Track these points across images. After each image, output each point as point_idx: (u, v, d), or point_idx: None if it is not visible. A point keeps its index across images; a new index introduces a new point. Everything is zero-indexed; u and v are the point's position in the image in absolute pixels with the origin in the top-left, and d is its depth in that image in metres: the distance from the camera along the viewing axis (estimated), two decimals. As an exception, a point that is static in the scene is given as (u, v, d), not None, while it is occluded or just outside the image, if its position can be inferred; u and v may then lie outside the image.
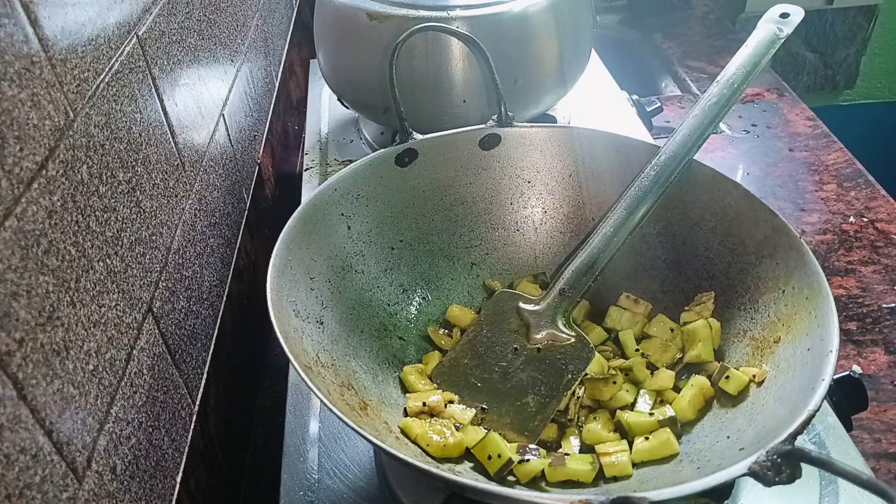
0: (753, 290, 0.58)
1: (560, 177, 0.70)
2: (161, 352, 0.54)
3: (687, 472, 0.50)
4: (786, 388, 0.48)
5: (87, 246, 0.43)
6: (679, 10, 1.69)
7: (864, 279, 0.93)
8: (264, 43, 1.04)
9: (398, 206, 0.67)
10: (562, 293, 0.63)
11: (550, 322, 0.62)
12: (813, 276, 0.52)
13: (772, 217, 0.57)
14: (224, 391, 0.68)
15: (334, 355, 0.55)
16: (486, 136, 0.69)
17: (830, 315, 0.48)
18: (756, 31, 0.64)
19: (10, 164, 0.36)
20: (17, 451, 0.34)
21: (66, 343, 0.39)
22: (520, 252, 0.71)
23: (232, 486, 0.68)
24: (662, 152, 0.62)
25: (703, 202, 0.63)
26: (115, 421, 0.45)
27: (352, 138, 0.99)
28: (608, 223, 0.63)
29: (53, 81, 0.41)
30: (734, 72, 0.62)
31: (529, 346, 0.61)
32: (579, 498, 0.38)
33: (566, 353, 0.60)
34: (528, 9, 0.79)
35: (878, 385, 0.80)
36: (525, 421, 0.57)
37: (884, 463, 0.72)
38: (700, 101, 0.63)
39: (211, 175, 0.71)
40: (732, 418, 0.51)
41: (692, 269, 0.63)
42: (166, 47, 0.61)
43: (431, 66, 0.79)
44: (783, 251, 0.55)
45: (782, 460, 0.38)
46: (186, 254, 0.62)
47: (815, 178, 1.11)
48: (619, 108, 1.01)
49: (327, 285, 0.59)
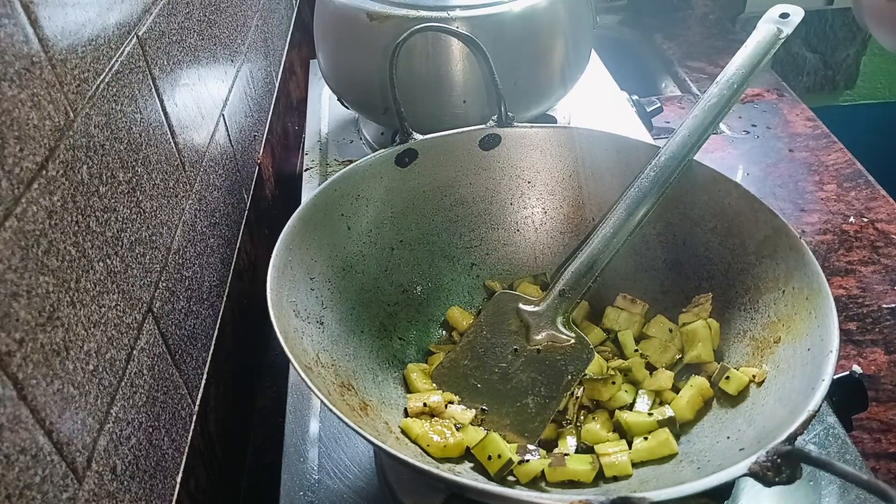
0: (753, 291, 0.58)
1: (560, 177, 0.70)
2: (161, 352, 0.54)
3: (687, 473, 0.50)
4: (786, 388, 0.48)
5: (87, 246, 0.43)
6: (679, 10, 1.69)
7: (864, 279, 0.93)
8: (264, 43, 1.04)
9: (398, 206, 0.67)
10: (562, 294, 0.63)
11: (550, 323, 0.62)
12: (813, 277, 0.52)
13: (772, 217, 0.57)
14: (224, 391, 0.68)
15: (334, 355, 0.55)
16: (486, 136, 0.69)
17: (830, 315, 0.48)
18: (756, 31, 0.64)
19: (11, 164, 0.36)
20: (17, 452, 0.34)
21: (66, 343, 0.39)
22: (520, 252, 0.71)
23: (232, 486, 0.68)
24: (662, 153, 0.62)
25: (703, 202, 0.63)
26: (115, 421, 0.45)
27: (352, 138, 0.99)
28: (608, 224, 0.63)
29: (53, 81, 0.41)
30: (734, 72, 0.62)
31: (529, 347, 0.61)
32: (579, 498, 0.38)
33: (566, 355, 0.60)
34: (528, 9, 0.79)
35: (878, 385, 0.80)
36: (525, 422, 0.57)
37: (884, 463, 0.72)
38: (700, 102, 0.63)
39: (211, 175, 0.71)
40: (732, 419, 0.51)
41: (692, 269, 0.63)
42: (166, 47, 0.61)
43: (431, 66, 0.79)
44: (783, 251, 0.55)
45: (782, 461, 0.38)
46: (186, 254, 0.62)
47: (815, 178, 1.11)
48: (619, 109, 1.01)
49: (327, 285, 0.59)
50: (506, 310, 0.64)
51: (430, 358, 0.64)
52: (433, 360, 0.63)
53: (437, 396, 0.58)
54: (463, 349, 0.62)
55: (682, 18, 1.65)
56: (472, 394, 0.59)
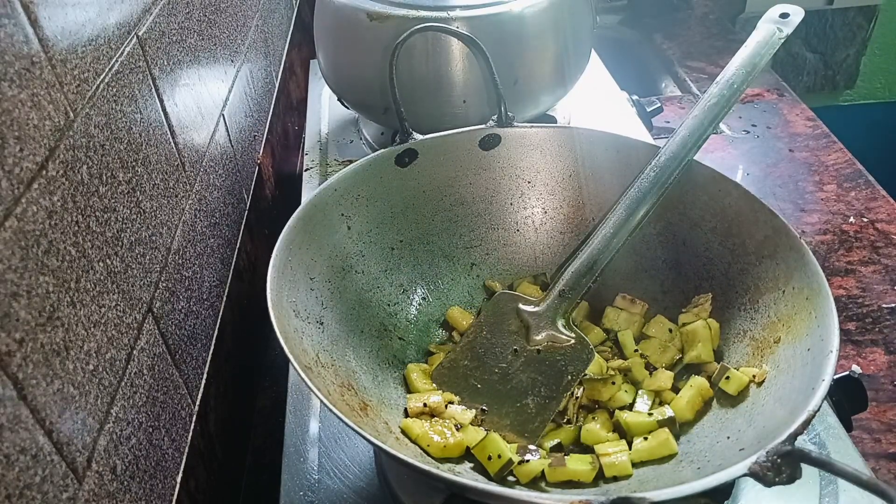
0: (753, 291, 0.58)
1: (560, 177, 0.70)
2: (161, 352, 0.54)
3: (687, 473, 0.50)
4: (786, 388, 0.48)
5: (87, 246, 0.43)
6: (679, 10, 1.69)
7: (864, 279, 0.93)
8: (264, 43, 1.04)
9: (398, 206, 0.67)
10: (561, 294, 0.63)
11: (550, 323, 0.62)
12: (813, 277, 0.52)
13: (772, 217, 0.57)
14: (224, 391, 0.68)
15: (334, 355, 0.55)
16: (486, 136, 0.69)
17: (830, 315, 0.48)
18: (756, 31, 0.64)
19: (11, 164, 0.36)
20: (18, 452, 0.34)
21: (67, 343, 0.39)
22: (520, 252, 0.71)
23: (232, 486, 0.68)
24: (662, 153, 0.62)
25: (703, 202, 0.63)
26: (116, 421, 0.45)
27: (352, 138, 0.99)
28: (608, 224, 0.63)
29: (53, 82, 0.41)
30: (734, 72, 0.62)
31: (529, 347, 0.61)
32: (579, 498, 0.38)
33: (566, 355, 0.60)
34: (528, 9, 0.79)
35: (878, 385, 0.80)
36: (525, 422, 0.57)
37: (884, 463, 0.72)
38: (700, 102, 0.63)
39: (211, 175, 0.71)
40: (732, 419, 0.51)
41: (692, 269, 0.63)
42: (166, 47, 0.61)
43: (431, 66, 0.79)
44: (783, 251, 0.55)
45: (782, 461, 0.38)
46: (186, 254, 0.62)
47: (815, 178, 1.11)
48: (619, 109, 1.01)
49: (327, 285, 0.59)
50: (505, 310, 0.64)
51: (430, 358, 0.64)
52: (433, 361, 0.63)
53: (437, 396, 0.58)
54: (463, 349, 0.62)
55: (682, 18, 1.65)
56: (472, 394, 0.59)
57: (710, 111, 0.62)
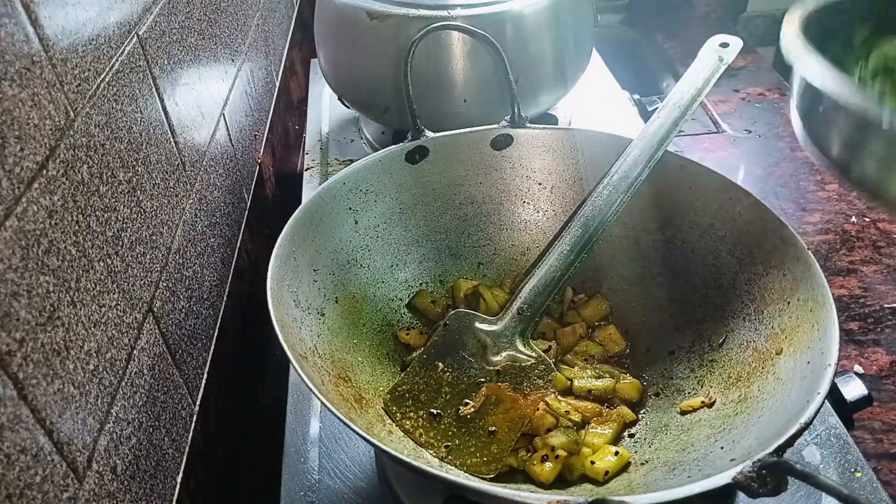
0: (759, 301, 0.57)
1: (571, 180, 0.69)
2: (161, 352, 0.54)
3: (678, 481, 0.49)
4: (783, 400, 0.48)
5: (87, 246, 0.43)
6: (680, 9, 1.68)
7: (866, 279, 0.93)
8: (265, 42, 1.04)
9: (407, 202, 0.67)
10: (520, 312, 0.62)
11: (509, 343, 0.61)
12: (818, 289, 0.51)
13: (781, 227, 0.56)
14: (224, 391, 0.68)
15: (333, 346, 0.55)
16: (498, 136, 0.68)
17: (833, 328, 0.47)
18: (697, 59, 0.67)
19: (11, 163, 0.36)
20: (18, 451, 0.34)
21: (67, 343, 0.39)
22: (527, 254, 0.70)
23: (232, 486, 0.68)
24: (614, 172, 0.64)
25: (713, 210, 0.62)
26: (116, 421, 0.45)
27: (352, 138, 0.99)
28: (564, 241, 0.63)
29: (54, 81, 0.41)
30: (680, 97, 0.65)
31: (488, 367, 0.60)
32: (557, 498, 0.37)
33: (527, 375, 0.59)
34: (529, 8, 0.79)
35: (880, 385, 0.80)
36: (489, 445, 0.54)
37: (885, 463, 0.72)
38: (648, 125, 0.65)
39: (211, 175, 0.71)
40: (728, 430, 0.51)
41: (699, 277, 0.62)
42: (167, 47, 0.61)
43: (432, 65, 0.79)
44: (791, 262, 0.55)
45: (768, 472, 0.37)
46: (187, 254, 0.62)
47: (817, 177, 1.11)
48: (620, 108, 1.01)
49: (331, 277, 0.59)
50: (461, 329, 0.62)
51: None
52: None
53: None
54: (418, 372, 0.59)
55: (683, 18, 1.65)
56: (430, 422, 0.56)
57: (659, 132, 0.64)
